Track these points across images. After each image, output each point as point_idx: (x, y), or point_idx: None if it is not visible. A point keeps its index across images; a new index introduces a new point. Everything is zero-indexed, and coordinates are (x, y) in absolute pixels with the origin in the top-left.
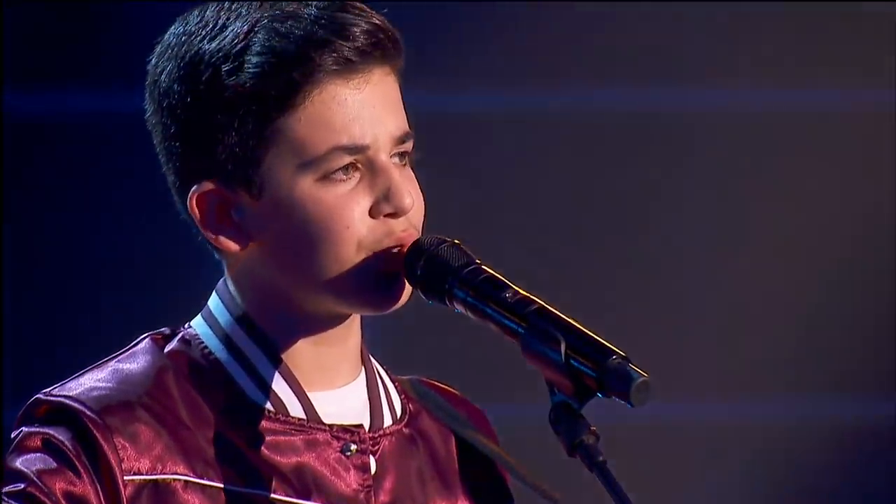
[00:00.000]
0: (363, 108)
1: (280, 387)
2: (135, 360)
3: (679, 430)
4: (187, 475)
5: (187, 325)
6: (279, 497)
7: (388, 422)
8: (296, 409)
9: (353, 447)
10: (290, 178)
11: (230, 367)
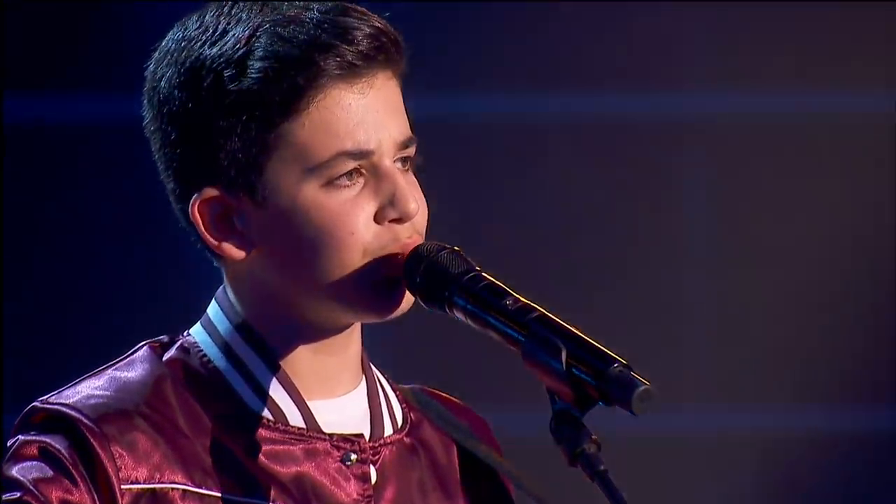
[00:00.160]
0: (367, 113)
1: (279, 395)
2: (133, 368)
3: (681, 439)
4: (185, 484)
5: (186, 333)
6: None
7: (388, 431)
8: (295, 418)
9: (354, 457)
10: (293, 184)
11: (229, 376)
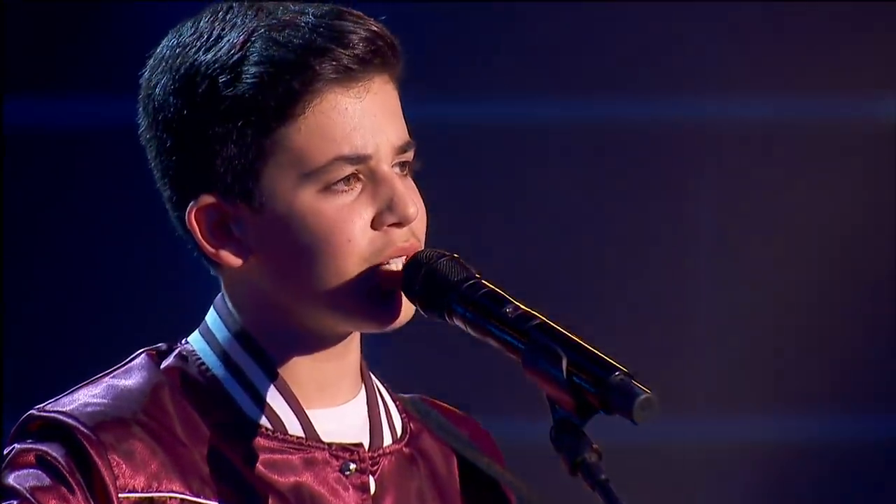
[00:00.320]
0: (364, 117)
1: (278, 404)
2: (130, 375)
3: (683, 448)
4: (183, 493)
5: (184, 341)
6: None
7: (387, 441)
8: (294, 427)
9: (353, 466)
10: (290, 190)
11: (227, 384)
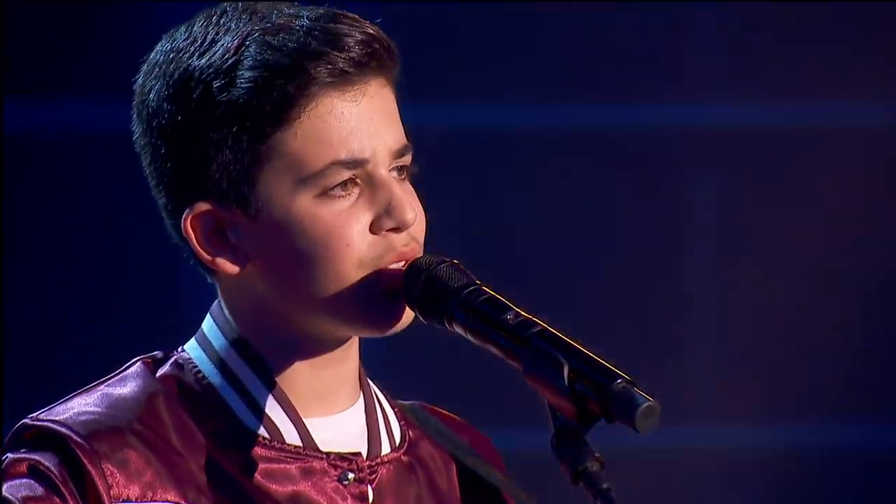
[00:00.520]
0: (360, 121)
1: (275, 413)
2: (125, 384)
3: (686, 456)
4: (178, 503)
5: (180, 349)
6: None
7: (386, 449)
8: (292, 435)
9: (351, 476)
10: (287, 196)
11: (224, 392)
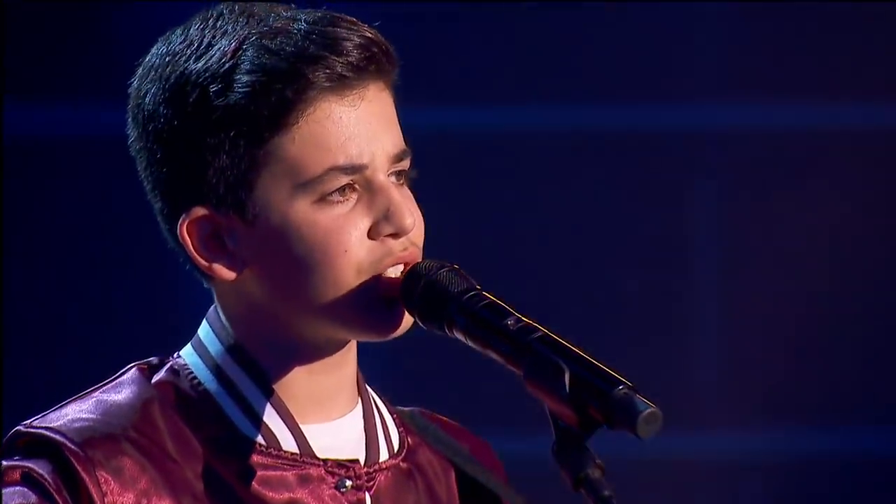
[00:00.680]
0: (359, 126)
1: (272, 419)
2: (120, 390)
3: (687, 462)
4: None
5: (176, 355)
6: None
7: (384, 456)
8: (288, 442)
9: (349, 483)
10: (284, 201)
11: (220, 399)
